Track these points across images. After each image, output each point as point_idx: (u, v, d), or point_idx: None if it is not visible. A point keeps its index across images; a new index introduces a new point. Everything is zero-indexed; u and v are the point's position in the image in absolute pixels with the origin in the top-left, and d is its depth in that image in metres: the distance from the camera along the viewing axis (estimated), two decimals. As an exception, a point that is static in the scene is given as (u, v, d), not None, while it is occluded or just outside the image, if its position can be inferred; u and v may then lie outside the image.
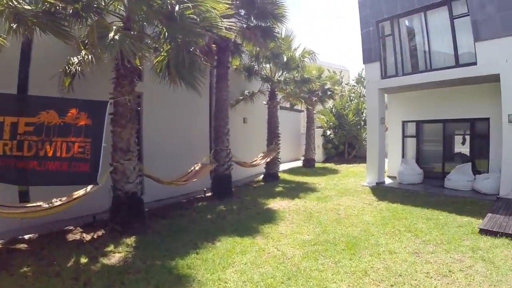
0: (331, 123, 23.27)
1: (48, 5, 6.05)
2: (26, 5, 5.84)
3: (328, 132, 23.41)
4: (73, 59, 7.45)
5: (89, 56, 7.03)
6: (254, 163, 13.39)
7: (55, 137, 6.16)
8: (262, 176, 15.17)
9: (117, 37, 5.87)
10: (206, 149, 11.99)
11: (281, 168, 16.13)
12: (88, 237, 6.82)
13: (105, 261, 5.70)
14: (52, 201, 6.09)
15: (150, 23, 7.27)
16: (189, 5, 6.53)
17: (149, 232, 7.16)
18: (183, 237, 6.94)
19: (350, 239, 6.75)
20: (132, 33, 6.62)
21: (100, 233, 7.05)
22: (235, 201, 10.38)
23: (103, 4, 6.76)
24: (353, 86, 28.98)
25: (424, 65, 12.03)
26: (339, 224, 7.83)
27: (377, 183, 13.05)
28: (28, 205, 6.26)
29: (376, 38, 13.06)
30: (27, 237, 6.83)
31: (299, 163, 21.29)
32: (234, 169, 11.56)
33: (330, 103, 23.44)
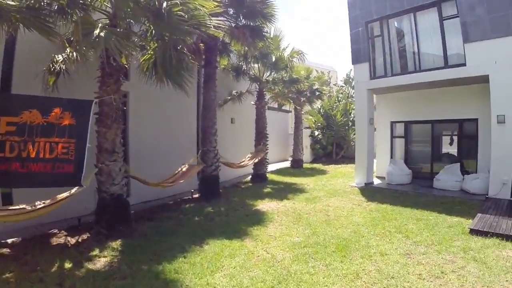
0: (319, 124, 23.27)
1: (32, 1, 5.83)
2: (10, 0, 5.61)
3: (316, 133, 23.40)
4: (58, 57, 7.27)
5: (74, 54, 6.83)
6: (242, 164, 13.27)
7: (38, 137, 6.02)
8: (250, 177, 15.03)
9: (102, 34, 5.72)
10: (194, 150, 11.85)
11: (269, 168, 16.02)
12: (73, 241, 6.61)
13: (90, 266, 5.52)
14: (36, 203, 5.91)
15: (137, 20, 7.11)
16: (177, 2, 6.39)
17: (135, 235, 6.97)
18: (170, 240, 6.77)
19: (340, 241, 6.67)
20: (119, 30, 6.45)
21: (85, 236, 6.83)
22: (223, 203, 10.23)
23: (89, 0, 6.56)
24: (341, 86, 29.06)
25: (413, 65, 12.06)
26: (328, 226, 7.75)
27: (365, 183, 13.04)
28: (11, 208, 6.06)
29: (365, 39, 13.06)
30: (10, 241, 6.60)
31: (287, 164, 21.23)
32: (222, 169, 11.42)
33: (318, 104, 23.44)
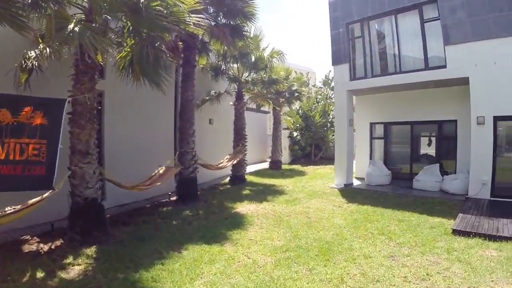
0: (298, 125, 23.23)
1: (3, -8, 5.49)
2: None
3: (295, 134, 23.37)
4: (30, 53, 6.85)
5: (47, 50, 6.43)
6: (221, 165, 13.06)
7: (7, 138, 5.66)
8: (229, 178, 14.85)
9: (77, 29, 5.45)
10: (171, 151, 11.54)
11: (247, 170, 15.85)
12: (46, 248, 6.23)
13: (63, 275, 5.20)
14: (5, 209, 5.57)
15: (114, 15, 6.83)
16: (155, -4, 6.16)
17: (111, 241, 6.66)
18: (147, 246, 6.50)
19: (323, 244, 6.57)
20: (94, 25, 6.16)
21: (58, 243, 6.46)
22: (201, 206, 9.99)
23: (64, -8, 6.24)
24: (320, 88, 29.11)
25: (394, 67, 12.14)
26: (310, 228, 7.65)
27: (345, 184, 13.03)
28: (-21, 213, 5.68)
29: (346, 40, 13.08)
30: (-23, 249, 6.21)
31: (265, 165, 21.11)
32: (200, 171, 11.18)
33: (297, 105, 23.39)
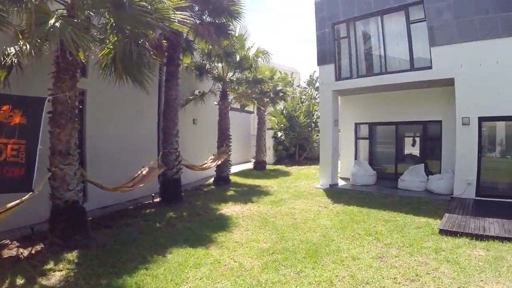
0: (282, 125, 23.19)
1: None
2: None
3: (279, 134, 23.31)
4: (10, 50, 6.59)
5: (27, 46, 6.20)
6: (205, 166, 12.88)
7: (-16, 138, 5.40)
8: (213, 179, 14.68)
9: (58, 24, 5.22)
10: (154, 152, 11.34)
11: (231, 170, 15.69)
12: (26, 253, 5.95)
13: (44, 281, 4.97)
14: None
15: (97, 11, 6.60)
16: (139, -8, 5.98)
17: (93, 245, 6.42)
18: (130, 250, 6.29)
19: (310, 245, 6.48)
20: (76, 21, 5.92)
21: (39, 247, 6.19)
22: (185, 207, 9.80)
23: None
24: (304, 88, 29.10)
25: (379, 67, 12.20)
26: (296, 230, 7.57)
27: (330, 185, 13.03)
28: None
29: (332, 40, 13.08)
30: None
31: (249, 165, 20.99)
32: (183, 172, 10.99)
33: (281, 105, 23.35)
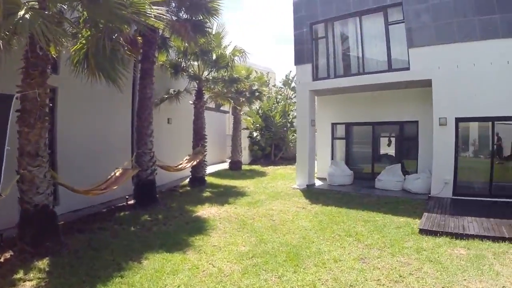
0: (258, 125, 23.14)
1: None
2: None
3: (255, 134, 23.30)
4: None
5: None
6: (180, 167, 12.61)
7: None
8: (188, 180, 14.43)
9: (28, 16, 4.91)
10: (128, 152, 10.98)
11: (207, 171, 15.44)
12: (-6, 261, 5.62)
13: (13, 292, 4.65)
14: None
15: (70, 4, 6.27)
16: (114, -16, 5.70)
17: (64, 252, 6.08)
18: (104, 256, 5.99)
19: (290, 248, 6.38)
20: (47, 13, 5.58)
21: (8, 255, 5.86)
22: (160, 209, 9.54)
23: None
24: (280, 88, 29.11)
25: (357, 68, 12.26)
26: (275, 232, 7.45)
27: (307, 185, 12.98)
28: None
29: (309, 40, 13.06)
30: None
31: (225, 166, 20.86)
32: (158, 173, 10.71)
33: (257, 105, 23.25)
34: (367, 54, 12.04)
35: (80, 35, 6.81)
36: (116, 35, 6.65)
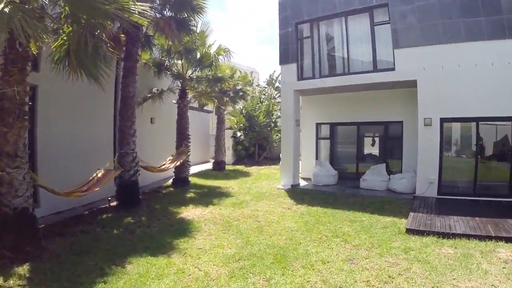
0: (241, 125, 23.05)
1: None
2: None
3: (238, 134, 23.18)
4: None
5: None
6: (163, 167, 12.37)
7: None
8: (172, 180, 14.23)
9: (7, 9, 4.70)
10: (110, 153, 10.72)
11: (190, 171, 15.27)
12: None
13: (-8, 301, 4.44)
14: None
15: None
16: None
17: (45, 257, 5.85)
18: (86, 260, 5.79)
19: (277, 250, 6.30)
20: (27, 7, 5.35)
21: (-14, 261, 5.62)
22: (143, 211, 9.33)
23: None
24: (264, 88, 29.09)
25: (342, 68, 12.30)
26: (261, 233, 7.36)
27: (292, 185, 12.95)
28: None
29: (294, 40, 13.02)
30: None
31: (208, 166, 20.71)
32: (141, 173, 10.47)
33: (241, 104, 23.24)
34: (352, 55, 12.08)
35: (61, 31, 6.57)
36: (98, 31, 6.43)
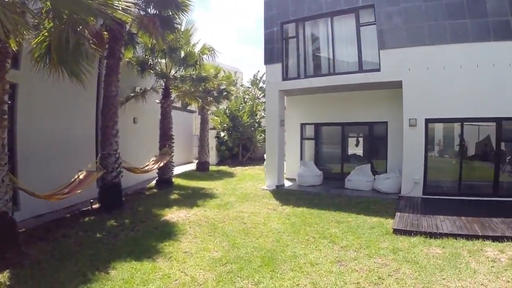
0: (225, 125, 22.87)
1: None
2: None
3: (222, 134, 23.03)
4: None
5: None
6: (146, 168, 12.17)
7: None
8: (155, 182, 14.02)
9: (-15, 3, 4.46)
10: (92, 153, 10.48)
11: (174, 172, 15.04)
12: None
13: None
14: None
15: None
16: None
17: (26, 263, 5.61)
18: (69, 266, 5.57)
19: (264, 252, 6.21)
20: (7, 1, 5.11)
21: (-35, 268, 5.36)
22: (127, 214, 9.12)
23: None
24: (248, 88, 28.99)
25: (328, 68, 12.31)
26: (248, 236, 7.26)
27: (277, 186, 12.90)
28: None
29: (280, 40, 12.98)
30: None
31: (192, 166, 20.48)
32: (124, 175, 10.24)
33: (225, 104, 23.08)
34: (338, 55, 12.11)
35: (42, 27, 6.33)
36: (81, 27, 6.20)
